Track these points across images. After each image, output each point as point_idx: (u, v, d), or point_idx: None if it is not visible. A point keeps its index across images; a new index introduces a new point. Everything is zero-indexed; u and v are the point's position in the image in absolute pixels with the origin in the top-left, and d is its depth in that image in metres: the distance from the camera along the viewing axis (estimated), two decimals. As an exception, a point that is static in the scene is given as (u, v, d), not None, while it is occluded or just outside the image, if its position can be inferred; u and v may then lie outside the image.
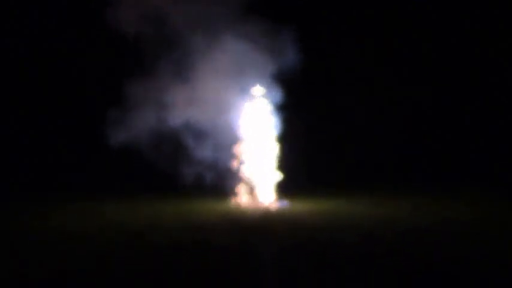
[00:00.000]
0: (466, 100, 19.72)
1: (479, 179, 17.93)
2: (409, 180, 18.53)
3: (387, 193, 16.12)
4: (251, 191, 14.72)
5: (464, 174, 18.40)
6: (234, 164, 14.85)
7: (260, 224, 10.93)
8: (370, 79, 19.27)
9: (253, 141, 14.90)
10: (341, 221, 11.05)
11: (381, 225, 10.41)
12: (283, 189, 14.86)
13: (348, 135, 19.58)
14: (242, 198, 14.65)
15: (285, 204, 14.17)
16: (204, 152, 14.79)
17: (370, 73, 19.12)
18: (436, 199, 14.67)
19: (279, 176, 14.81)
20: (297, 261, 7.57)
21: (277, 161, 14.82)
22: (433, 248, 8.27)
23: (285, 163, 14.90)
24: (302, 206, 13.62)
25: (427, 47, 19.65)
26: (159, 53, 14.50)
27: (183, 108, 14.51)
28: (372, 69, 19.01)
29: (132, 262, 7.68)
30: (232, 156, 14.88)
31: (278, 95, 14.77)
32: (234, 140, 14.94)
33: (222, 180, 14.82)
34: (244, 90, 14.93)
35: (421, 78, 19.77)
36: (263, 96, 14.96)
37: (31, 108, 19.41)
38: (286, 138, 15.02)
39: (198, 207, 13.77)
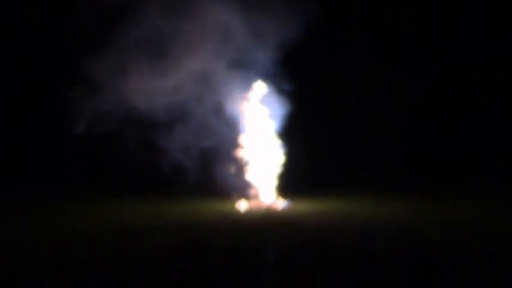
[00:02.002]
0: (469, 99, 19.62)
1: (481, 179, 17.80)
2: (413, 180, 18.37)
3: (391, 193, 15.91)
4: (252, 190, 14.24)
5: (467, 174, 18.29)
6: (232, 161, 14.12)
7: (261, 225, 10.74)
8: (374, 78, 19.10)
9: (253, 137, 14.26)
10: (342, 222, 10.88)
11: (383, 226, 10.28)
12: (284, 189, 14.45)
13: (352, 133, 19.36)
14: (244, 199, 14.06)
15: (287, 204, 13.82)
16: (186, 143, 13.47)
17: (374, 72, 18.94)
18: (438, 199, 14.50)
19: (280, 175, 14.38)
20: (297, 261, 7.49)
21: (278, 159, 14.35)
22: (434, 248, 8.20)
23: (287, 162, 14.43)
24: (304, 206, 13.38)
25: (433, 45, 19.60)
26: (127, 20, 12.56)
27: (161, 88, 12.77)
28: (375, 67, 18.85)
29: (131, 262, 7.62)
30: (229, 149, 13.92)
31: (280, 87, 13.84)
32: (227, 130, 13.92)
33: (213, 176, 14.00)
34: (237, 70, 13.39)
35: (422, 77, 19.65)
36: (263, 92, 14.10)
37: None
38: (288, 136, 14.51)
39: (193, 206, 13.43)
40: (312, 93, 18.01)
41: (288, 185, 14.49)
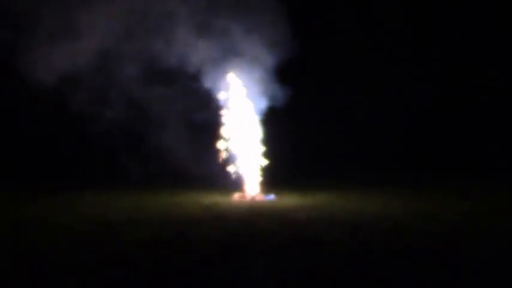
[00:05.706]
0: (469, 100, 19.52)
1: (476, 175, 17.63)
2: (404, 175, 18.14)
3: (380, 187, 15.63)
4: (238, 182, 14.09)
5: (460, 169, 18.14)
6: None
7: (249, 219, 10.51)
8: (366, 70, 19.10)
9: (236, 127, 14.03)
10: (328, 216, 10.63)
11: (371, 221, 10.06)
12: (270, 181, 14.23)
13: (340, 125, 19.28)
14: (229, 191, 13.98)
15: (272, 197, 13.67)
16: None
17: (367, 64, 18.94)
18: (429, 194, 14.19)
19: (265, 167, 14.14)
20: (282, 258, 7.32)
21: (263, 151, 14.14)
22: (425, 245, 7.97)
23: (272, 154, 14.19)
24: (290, 200, 13.17)
25: (434, 45, 19.57)
26: None
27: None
28: (367, 60, 18.84)
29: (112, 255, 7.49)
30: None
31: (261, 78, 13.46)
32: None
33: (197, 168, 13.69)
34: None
35: (423, 78, 19.67)
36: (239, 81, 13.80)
37: None
38: (273, 128, 14.33)
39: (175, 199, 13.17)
40: (302, 81, 17.50)
41: (275, 177, 14.26)
